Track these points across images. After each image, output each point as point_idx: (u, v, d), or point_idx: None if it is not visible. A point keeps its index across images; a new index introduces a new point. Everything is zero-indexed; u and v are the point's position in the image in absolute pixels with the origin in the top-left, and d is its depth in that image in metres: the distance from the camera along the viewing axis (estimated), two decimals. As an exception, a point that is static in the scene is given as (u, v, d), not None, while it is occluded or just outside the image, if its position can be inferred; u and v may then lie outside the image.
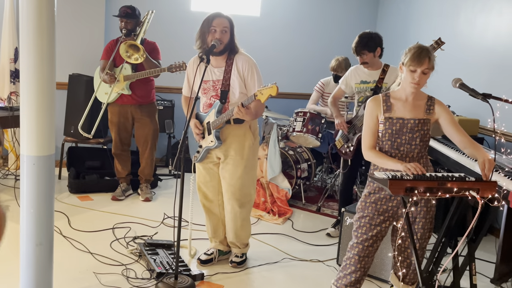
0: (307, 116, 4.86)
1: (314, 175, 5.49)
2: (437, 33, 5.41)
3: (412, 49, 2.53)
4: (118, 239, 3.84)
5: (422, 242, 2.67)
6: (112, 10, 5.43)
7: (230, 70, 3.22)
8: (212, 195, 3.49)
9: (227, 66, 3.23)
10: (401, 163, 2.47)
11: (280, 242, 4.06)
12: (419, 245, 2.63)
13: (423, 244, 2.68)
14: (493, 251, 3.95)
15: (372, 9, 6.66)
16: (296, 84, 6.46)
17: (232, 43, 3.24)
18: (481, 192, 2.32)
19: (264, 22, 6.34)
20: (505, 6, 4.51)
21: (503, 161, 3.04)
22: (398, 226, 2.66)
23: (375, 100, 2.68)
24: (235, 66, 3.23)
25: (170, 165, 5.78)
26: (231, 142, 3.29)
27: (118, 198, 4.79)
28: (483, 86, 4.54)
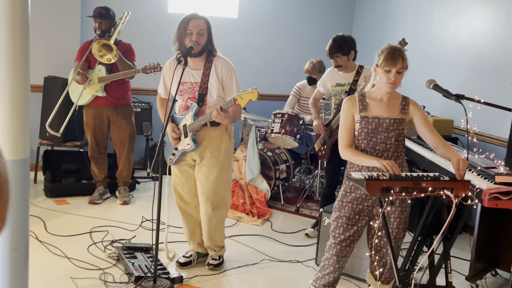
0: (285, 117, 4.89)
1: (293, 176, 5.52)
2: (412, 34, 5.50)
3: (385, 50, 2.58)
4: (96, 243, 3.80)
5: (397, 241, 2.71)
6: (88, 11, 5.37)
7: (209, 73, 3.22)
8: (188, 197, 3.48)
9: (206, 69, 3.23)
10: (377, 159, 2.51)
11: (259, 243, 4.07)
12: (394, 243, 2.66)
13: (398, 243, 2.72)
14: (467, 249, 4.02)
15: (348, 12, 6.73)
16: (274, 85, 6.49)
17: (210, 45, 3.23)
18: (455, 191, 2.36)
19: (242, 24, 6.35)
20: (477, 9, 4.61)
21: (476, 161, 3.10)
22: (374, 226, 2.69)
23: (351, 99, 2.71)
24: (214, 69, 3.22)
25: (148, 167, 5.75)
26: (207, 144, 3.29)
27: (96, 202, 4.74)
28: (457, 87, 4.63)
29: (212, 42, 3.24)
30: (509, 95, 3.51)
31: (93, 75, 4.54)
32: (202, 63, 3.24)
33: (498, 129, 4.23)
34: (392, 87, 2.58)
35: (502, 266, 3.63)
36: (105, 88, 4.56)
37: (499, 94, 4.19)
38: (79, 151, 5.21)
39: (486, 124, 4.29)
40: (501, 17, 4.32)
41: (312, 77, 5.26)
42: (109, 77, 4.48)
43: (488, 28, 4.46)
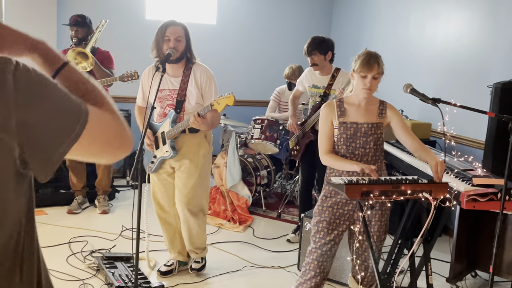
0: (265, 123, 4.89)
1: (274, 182, 5.52)
2: (389, 38, 5.57)
3: (361, 55, 2.60)
4: (75, 254, 3.74)
5: (378, 245, 2.72)
6: (64, 20, 5.30)
7: (188, 80, 3.20)
8: (167, 206, 3.45)
9: (184, 76, 3.21)
10: (357, 164, 2.52)
11: (241, 250, 4.05)
12: (375, 247, 2.68)
13: (379, 246, 2.74)
14: (447, 250, 4.06)
15: (326, 17, 6.78)
16: (253, 91, 6.50)
17: (188, 51, 3.22)
18: (434, 194, 2.39)
19: (220, 30, 6.35)
20: (452, 13, 4.68)
21: (453, 163, 3.14)
22: (355, 230, 2.70)
23: (329, 106, 2.72)
24: (193, 76, 3.21)
25: (128, 175, 5.69)
26: (186, 151, 3.27)
27: (74, 212, 4.67)
28: (433, 91, 4.69)
29: (190, 48, 3.23)
30: (485, 98, 3.57)
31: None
32: (181, 70, 3.23)
33: (475, 131, 4.30)
34: (368, 92, 2.60)
35: (481, 267, 3.67)
36: (83, 96, 4.50)
37: (475, 97, 4.26)
38: (57, 161, 5.13)
39: (463, 126, 4.35)
40: (476, 21, 4.40)
41: (292, 82, 5.28)
42: (87, 85, 4.42)
43: (464, 32, 4.53)
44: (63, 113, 0.93)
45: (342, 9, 6.58)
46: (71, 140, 0.93)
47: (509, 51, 4.03)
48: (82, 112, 0.95)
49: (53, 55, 1.06)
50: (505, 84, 3.24)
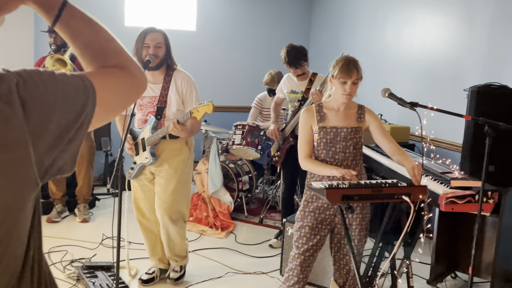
0: (246, 128, 4.89)
1: (256, 187, 5.52)
2: (367, 44, 5.63)
3: (339, 61, 2.62)
4: (54, 264, 3.68)
5: (359, 248, 2.74)
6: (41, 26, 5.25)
7: (168, 87, 3.19)
8: (148, 212, 3.43)
9: (165, 83, 3.20)
10: (336, 169, 2.54)
11: (223, 256, 4.04)
12: (356, 250, 2.69)
13: (360, 249, 2.75)
14: (428, 253, 4.10)
15: (305, 23, 6.83)
16: (234, 97, 6.50)
17: (169, 58, 3.21)
18: (413, 196, 2.41)
19: (200, 37, 6.35)
20: (428, 18, 4.76)
21: (431, 166, 3.18)
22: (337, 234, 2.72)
23: (309, 110, 2.74)
24: (174, 83, 3.20)
25: (108, 183, 5.63)
26: (166, 157, 3.25)
27: (54, 220, 4.61)
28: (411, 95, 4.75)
29: (171, 55, 3.23)
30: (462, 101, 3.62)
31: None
32: (162, 76, 3.22)
33: (452, 134, 4.36)
34: (348, 97, 2.63)
35: (461, 268, 3.72)
36: (62, 103, 4.45)
37: (452, 100, 4.32)
38: (35, 169, 5.05)
39: (441, 130, 4.42)
40: (452, 26, 4.48)
41: (272, 88, 5.30)
42: (65, 92, 4.38)
43: (440, 37, 4.61)
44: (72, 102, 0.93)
45: (321, 15, 6.64)
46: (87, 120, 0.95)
47: (484, 55, 4.11)
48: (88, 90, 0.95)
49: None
50: (481, 87, 3.29)
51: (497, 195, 2.61)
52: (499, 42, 3.98)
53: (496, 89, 3.28)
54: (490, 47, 4.06)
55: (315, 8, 6.79)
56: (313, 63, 6.54)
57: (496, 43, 4.01)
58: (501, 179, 3.19)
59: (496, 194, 2.61)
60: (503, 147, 3.11)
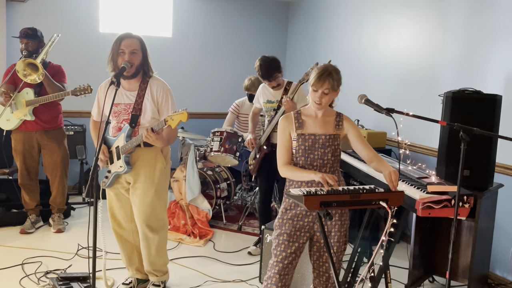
0: (224, 135, 4.87)
1: (234, 194, 5.49)
2: (344, 50, 5.67)
3: (317, 69, 2.62)
4: (28, 275, 3.59)
5: (339, 255, 2.73)
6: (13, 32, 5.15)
7: (144, 94, 3.14)
8: (124, 222, 3.36)
9: (141, 90, 3.15)
10: (314, 173, 2.53)
11: (202, 264, 4.00)
12: (335, 258, 2.69)
13: (339, 256, 2.74)
14: (406, 257, 4.14)
15: (282, 30, 6.85)
16: (211, 103, 6.48)
17: (145, 65, 3.16)
18: (390, 202, 2.42)
19: (177, 43, 6.31)
20: (403, 26, 4.82)
21: (408, 171, 3.20)
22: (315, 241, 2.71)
23: (287, 118, 2.73)
24: (149, 90, 3.14)
25: (83, 192, 5.54)
26: (141, 165, 3.19)
27: (27, 231, 4.50)
28: (387, 100, 4.80)
29: (147, 62, 3.17)
30: (437, 106, 3.67)
31: (21, 98, 4.34)
32: (137, 84, 3.17)
33: (428, 139, 4.42)
34: (318, 106, 2.63)
35: (439, 273, 3.75)
36: (34, 111, 4.37)
37: (427, 106, 4.38)
38: (8, 179, 4.94)
39: (417, 135, 4.47)
40: (425, 32, 4.54)
41: (252, 94, 5.28)
42: (38, 100, 4.30)
43: (414, 43, 4.67)
44: None
45: (297, 23, 6.67)
46: None
47: (458, 61, 4.18)
48: None
49: None
50: (455, 93, 3.34)
51: (472, 200, 2.64)
52: (472, 48, 4.05)
53: (470, 94, 3.33)
54: (463, 53, 4.13)
55: (291, 15, 6.82)
56: (290, 70, 6.60)
57: (469, 49, 4.07)
58: (476, 183, 3.24)
59: (472, 199, 2.63)
60: (477, 151, 3.15)
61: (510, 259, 3.75)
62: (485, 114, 3.25)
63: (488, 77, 3.87)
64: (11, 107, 4.36)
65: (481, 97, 3.31)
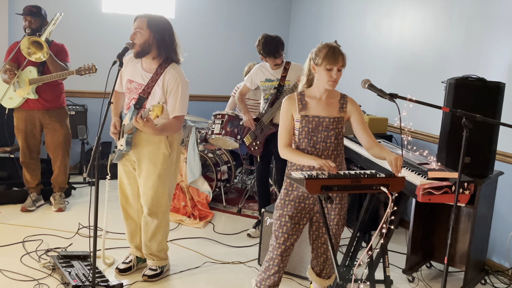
0: (226, 118, 4.87)
1: (234, 177, 5.51)
2: (347, 34, 5.64)
3: (322, 48, 2.58)
4: (29, 253, 3.62)
5: (337, 237, 2.76)
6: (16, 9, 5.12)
7: (157, 79, 3.08)
8: (131, 199, 3.38)
9: (155, 74, 3.09)
10: (315, 159, 2.53)
11: (201, 246, 4.03)
12: (334, 240, 2.71)
13: (337, 238, 2.77)
14: (404, 243, 4.17)
15: (285, 13, 6.80)
16: (213, 86, 6.46)
17: (158, 46, 3.07)
18: (391, 187, 2.43)
19: (179, 24, 6.25)
20: (408, 11, 4.79)
21: (409, 157, 3.21)
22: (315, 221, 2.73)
23: (290, 99, 2.72)
24: (163, 77, 3.08)
25: (84, 172, 5.55)
26: (144, 149, 3.18)
27: (29, 209, 4.53)
28: (390, 86, 4.79)
29: (166, 45, 3.09)
30: (440, 93, 3.66)
31: (24, 76, 4.33)
32: (155, 67, 3.11)
33: (429, 126, 4.42)
34: (334, 84, 2.61)
35: (436, 258, 3.79)
36: (37, 90, 4.37)
37: (430, 92, 4.37)
38: (9, 157, 4.95)
39: (419, 121, 4.46)
40: (430, 18, 4.51)
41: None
42: (41, 79, 4.29)
43: (419, 29, 4.64)
44: None
45: (301, 6, 6.62)
46: None
47: (462, 48, 4.16)
48: None
49: None
50: (458, 79, 3.33)
51: (473, 186, 2.65)
52: (477, 34, 4.02)
53: (474, 82, 3.32)
54: (468, 39, 4.11)
55: (295, -2, 6.77)
56: (292, 52, 6.56)
57: (474, 35, 4.05)
58: (476, 170, 3.25)
59: (472, 185, 2.64)
60: (478, 138, 3.16)
61: (508, 246, 3.78)
62: (488, 102, 3.25)
63: (492, 64, 3.86)
64: (14, 86, 4.35)
65: (484, 84, 3.31)
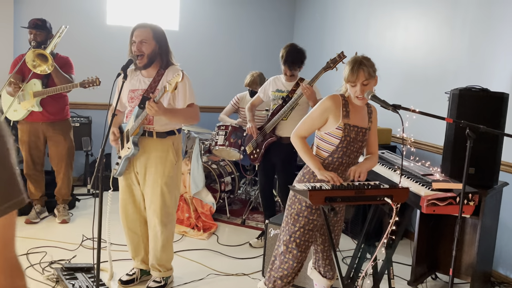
0: (229, 129, 4.88)
1: (238, 188, 5.50)
2: (350, 46, 5.65)
3: (347, 64, 2.54)
4: (33, 265, 3.62)
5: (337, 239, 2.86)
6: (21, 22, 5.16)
7: (159, 80, 3.13)
8: (133, 212, 3.36)
9: (157, 76, 3.14)
10: (319, 169, 2.51)
11: (205, 257, 4.01)
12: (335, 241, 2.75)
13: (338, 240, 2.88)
14: (409, 254, 4.14)
15: (288, 24, 6.84)
16: (216, 97, 6.47)
17: (162, 54, 3.13)
18: (395, 198, 2.43)
19: (183, 36, 6.31)
20: (410, 22, 4.80)
21: (413, 168, 3.20)
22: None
23: (335, 101, 2.59)
24: (165, 76, 3.13)
25: (88, 184, 5.56)
26: (152, 156, 3.18)
27: (33, 221, 4.53)
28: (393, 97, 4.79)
29: (166, 51, 3.15)
30: (443, 103, 3.66)
31: (28, 89, 4.36)
32: (155, 71, 3.16)
33: (434, 136, 4.41)
34: (362, 101, 2.54)
35: (442, 270, 3.76)
36: (41, 102, 4.39)
37: (433, 103, 4.37)
38: (14, 169, 4.96)
39: (422, 132, 4.46)
40: (433, 29, 4.52)
41: (254, 90, 5.28)
42: (45, 91, 4.32)
43: (422, 40, 4.65)
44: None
45: (304, 16, 6.65)
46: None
47: (465, 58, 4.16)
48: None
49: None
50: (462, 90, 3.33)
51: (477, 197, 2.64)
52: (480, 45, 4.03)
53: (477, 92, 3.32)
54: (471, 50, 4.11)
55: (298, 9, 6.80)
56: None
57: (477, 46, 4.06)
58: (481, 181, 3.24)
59: (477, 196, 2.63)
60: (483, 149, 3.15)
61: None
62: (492, 112, 3.25)
63: (495, 75, 3.85)
64: (19, 98, 4.38)
65: (488, 95, 3.30)
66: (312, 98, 3.83)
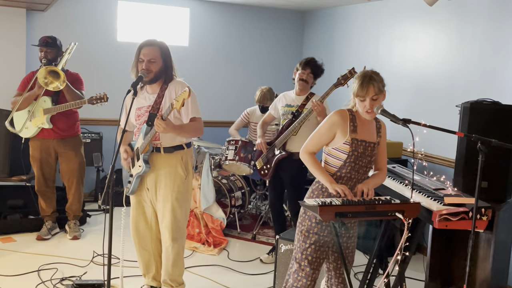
0: (239, 144, 4.88)
1: (249, 203, 5.48)
2: (360, 60, 5.65)
3: (356, 78, 2.54)
4: (44, 282, 3.62)
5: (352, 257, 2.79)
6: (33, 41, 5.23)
7: (163, 94, 3.15)
8: (144, 229, 3.36)
9: (161, 91, 3.16)
10: (330, 182, 2.49)
11: (216, 273, 3.99)
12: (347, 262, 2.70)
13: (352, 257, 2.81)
14: (422, 269, 4.08)
15: (297, 39, 6.86)
16: (226, 112, 6.49)
17: (166, 70, 3.16)
18: (406, 214, 2.40)
19: (193, 52, 6.35)
20: (421, 34, 4.79)
21: (425, 182, 3.17)
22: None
23: (342, 116, 2.59)
24: (169, 92, 3.15)
25: (99, 199, 5.57)
26: (161, 172, 3.19)
27: (44, 238, 4.54)
28: (403, 110, 4.76)
29: (170, 68, 3.19)
30: (454, 117, 3.64)
31: (38, 106, 4.40)
32: (159, 87, 3.19)
33: (445, 150, 4.37)
34: (371, 115, 2.54)
35: (455, 285, 3.69)
36: (52, 119, 4.43)
37: (444, 116, 4.34)
38: (25, 186, 4.99)
39: (434, 145, 4.42)
40: (443, 41, 4.51)
41: (264, 106, 5.29)
42: (55, 108, 4.36)
43: (432, 53, 4.64)
44: None
45: (313, 31, 6.67)
46: None
47: (476, 71, 4.14)
48: None
49: None
50: (473, 103, 3.31)
51: (490, 212, 2.60)
52: (490, 58, 4.00)
53: (488, 105, 3.29)
54: (481, 62, 4.09)
55: (307, 24, 6.82)
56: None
57: (487, 59, 4.03)
58: (494, 195, 3.19)
59: (490, 211, 2.59)
60: (495, 163, 3.11)
61: (529, 273, 3.68)
62: (504, 126, 3.21)
63: (507, 87, 3.82)
64: (29, 115, 4.42)
65: (499, 108, 3.27)
66: (322, 115, 3.80)
